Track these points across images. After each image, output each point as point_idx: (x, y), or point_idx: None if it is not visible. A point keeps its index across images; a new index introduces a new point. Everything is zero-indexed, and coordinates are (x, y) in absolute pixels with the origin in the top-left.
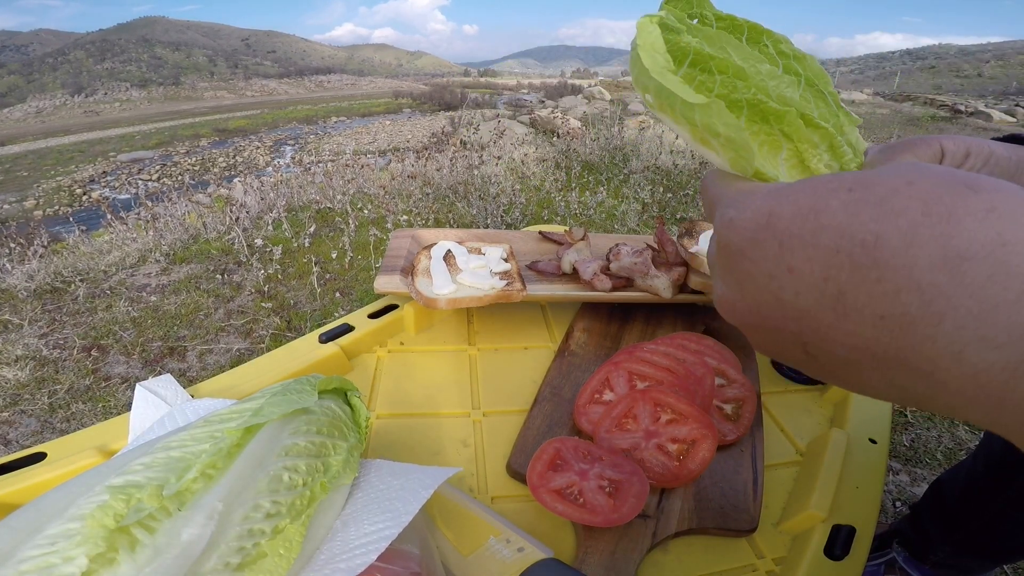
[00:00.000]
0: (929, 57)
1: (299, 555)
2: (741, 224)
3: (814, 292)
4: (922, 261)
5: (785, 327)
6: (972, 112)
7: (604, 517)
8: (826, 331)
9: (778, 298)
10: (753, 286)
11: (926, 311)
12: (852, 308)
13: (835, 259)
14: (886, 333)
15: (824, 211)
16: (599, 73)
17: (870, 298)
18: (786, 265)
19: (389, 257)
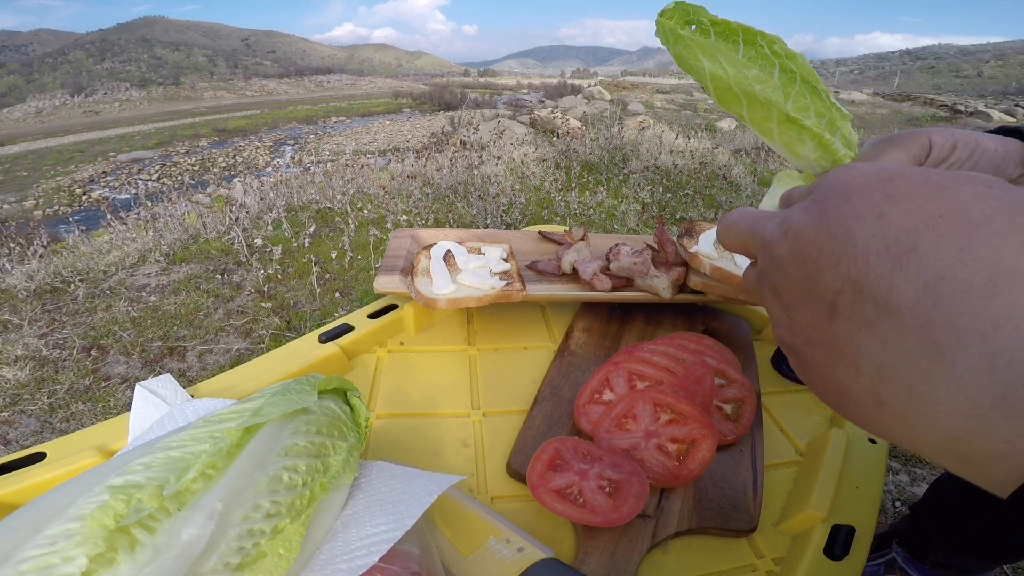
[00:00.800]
0: (929, 57)
1: (299, 555)
2: (862, 171)
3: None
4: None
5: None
6: (972, 112)
7: (604, 517)
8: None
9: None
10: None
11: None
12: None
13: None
14: (931, 298)
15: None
16: (599, 73)
17: (939, 260)
18: (880, 211)
19: (389, 257)
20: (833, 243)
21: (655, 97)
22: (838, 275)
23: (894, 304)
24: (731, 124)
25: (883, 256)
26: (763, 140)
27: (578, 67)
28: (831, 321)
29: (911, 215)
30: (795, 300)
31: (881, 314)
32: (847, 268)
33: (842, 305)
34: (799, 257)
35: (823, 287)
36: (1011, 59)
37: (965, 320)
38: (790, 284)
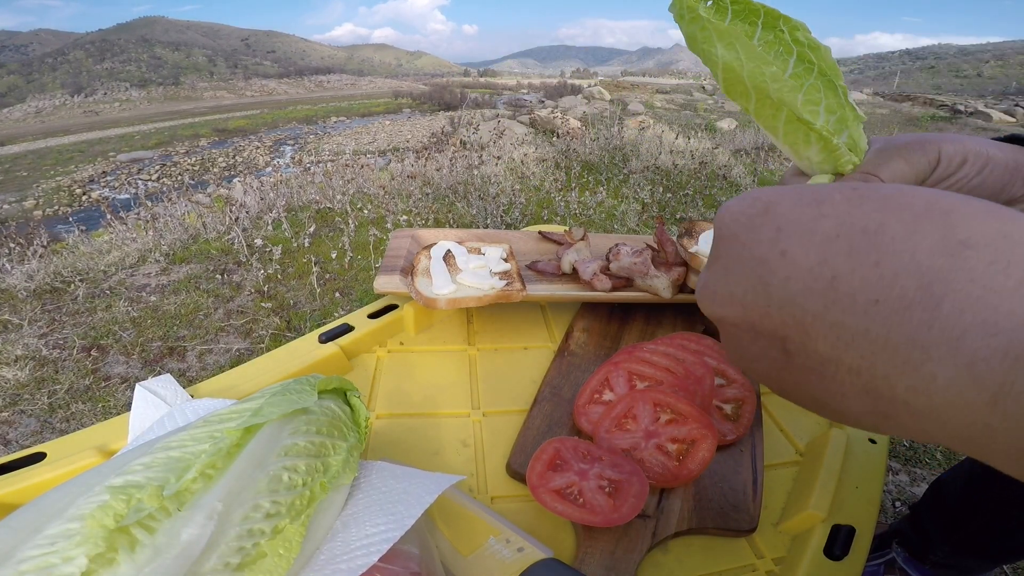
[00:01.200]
0: (929, 57)
1: (299, 555)
2: (739, 209)
3: (805, 276)
4: (923, 246)
5: (766, 319)
6: (972, 112)
7: (604, 517)
8: (811, 321)
9: (765, 283)
10: (741, 271)
11: (925, 294)
12: (845, 293)
13: (833, 244)
14: (878, 321)
15: (826, 201)
16: (599, 73)
17: (864, 283)
18: (780, 249)
19: (389, 257)
20: (752, 297)
21: (655, 97)
22: (772, 324)
23: (846, 336)
24: (731, 124)
25: (809, 296)
26: (767, 135)
27: (578, 67)
28: (789, 364)
29: (810, 244)
30: (747, 354)
31: (838, 346)
32: (779, 315)
33: (793, 348)
34: (727, 319)
35: (765, 338)
36: (1011, 59)
37: (924, 335)
38: (741, 345)
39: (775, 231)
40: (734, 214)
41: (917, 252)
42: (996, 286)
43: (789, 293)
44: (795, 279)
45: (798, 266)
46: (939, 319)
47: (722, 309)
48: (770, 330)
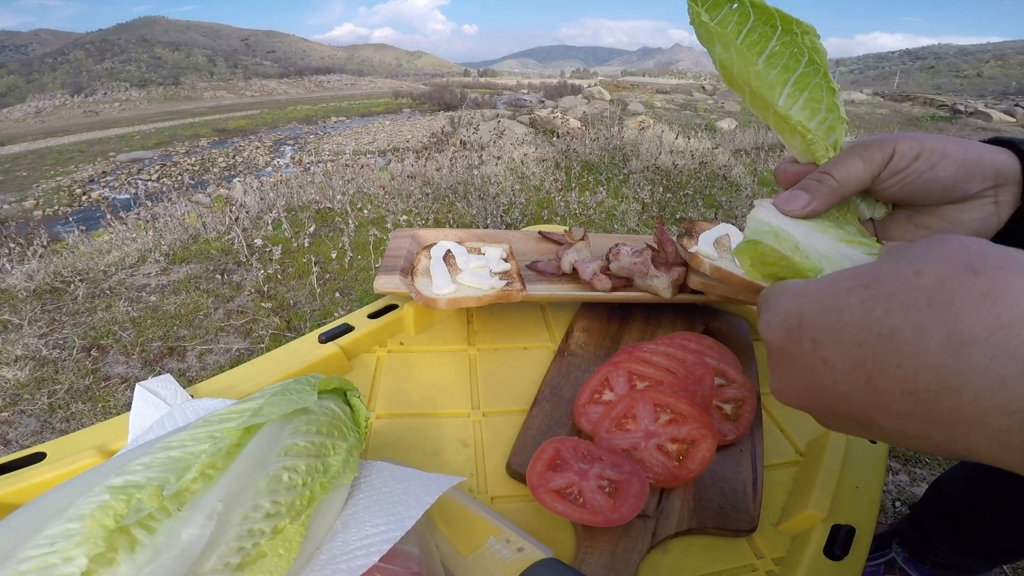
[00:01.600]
0: (929, 57)
1: (299, 555)
2: (776, 326)
3: (848, 378)
4: (932, 348)
5: (834, 406)
6: (971, 112)
7: (604, 517)
8: (866, 408)
9: (820, 385)
10: (797, 377)
11: (945, 387)
12: (883, 389)
13: (859, 351)
14: (917, 407)
15: (844, 309)
16: (599, 73)
17: (895, 380)
18: (820, 358)
19: (389, 257)
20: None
21: (655, 97)
22: (841, 410)
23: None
24: (731, 124)
25: (857, 392)
26: (766, 136)
27: (578, 67)
28: (869, 431)
29: (843, 352)
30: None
31: (896, 423)
32: (841, 406)
33: (866, 422)
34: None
35: (842, 417)
36: (1011, 59)
37: (955, 417)
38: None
39: (812, 343)
40: (774, 329)
41: (927, 353)
42: (1002, 377)
43: (841, 391)
44: (841, 381)
45: (839, 371)
46: (962, 406)
47: (797, 404)
48: (841, 414)
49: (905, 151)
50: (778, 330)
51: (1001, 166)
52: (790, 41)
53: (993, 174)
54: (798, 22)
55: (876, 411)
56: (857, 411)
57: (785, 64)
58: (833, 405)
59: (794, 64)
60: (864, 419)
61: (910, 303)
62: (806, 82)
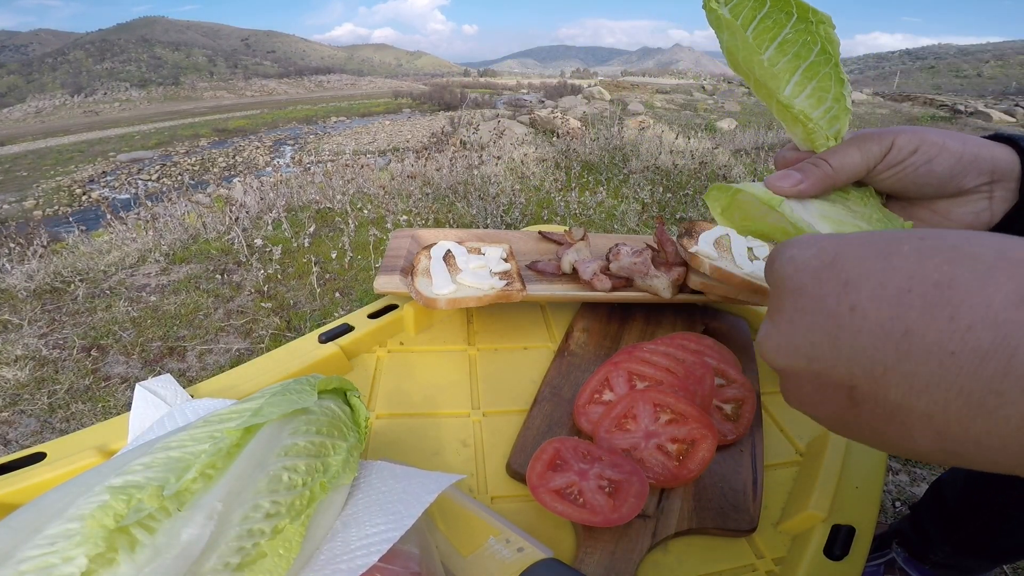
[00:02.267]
0: (929, 57)
1: (299, 555)
2: (804, 261)
3: (877, 331)
4: (998, 299)
5: (833, 370)
6: (972, 112)
7: (604, 517)
8: (882, 372)
9: (834, 336)
10: (807, 324)
11: (1000, 344)
12: (919, 347)
13: (905, 298)
14: (953, 371)
15: (895, 254)
16: (599, 73)
17: (940, 335)
18: (849, 304)
19: (389, 257)
20: (819, 350)
21: (655, 97)
22: (839, 375)
23: (919, 384)
24: (731, 124)
25: (880, 349)
26: (765, 135)
27: (578, 67)
28: (855, 410)
29: (882, 299)
30: (809, 400)
31: (910, 394)
32: (847, 368)
33: (861, 396)
34: (791, 370)
35: (831, 388)
36: (1011, 59)
37: (999, 383)
38: (804, 393)
39: (842, 285)
40: (798, 265)
41: (992, 304)
42: None
43: (859, 346)
44: (866, 333)
45: (869, 320)
46: (1014, 368)
47: (786, 360)
48: (836, 380)
49: (903, 145)
50: (804, 265)
51: (999, 161)
52: (804, 29)
53: (990, 169)
54: (814, 11)
55: (894, 378)
56: (861, 377)
57: (797, 52)
58: (835, 368)
59: (805, 52)
60: (862, 389)
61: (976, 255)
62: (816, 71)
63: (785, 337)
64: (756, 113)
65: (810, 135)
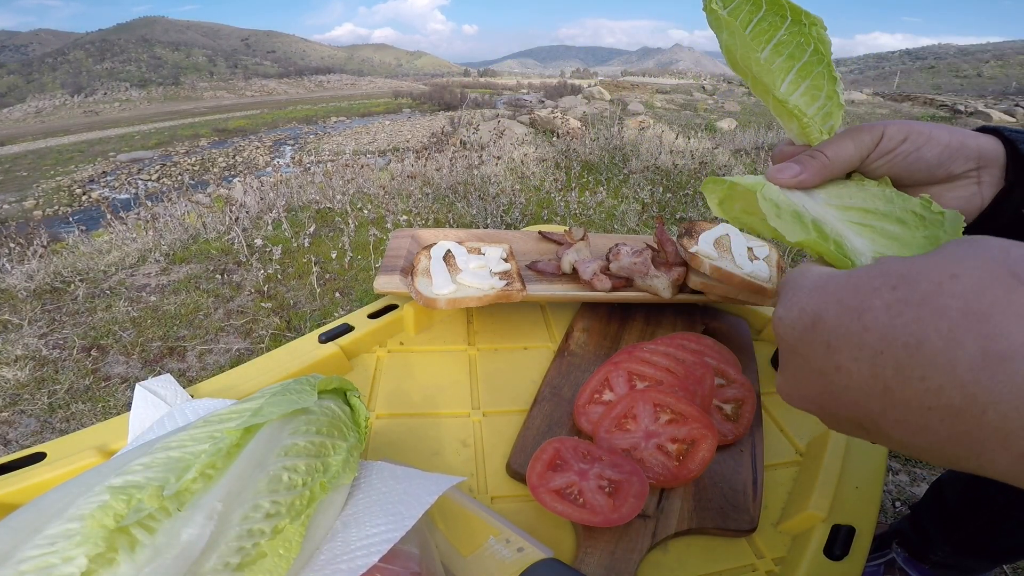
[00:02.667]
0: (928, 57)
1: (299, 555)
2: (789, 323)
3: (862, 387)
4: (963, 362)
5: (840, 412)
6: (972, 112)
7: (604, 517)
8: (877, 417)
9: (830, 391)
10: (806, 379)
11: (970, 404)
12: (899, 401)
13: (879, 359)
14: (934, 421)
15: (866, 312)
16: (599, 73)
17: (915, 393)
18: (834, 364)
19: (389, 257)
20: (823, 399)
21: (655, 97)
22: (848, 416)
23: (911, 428)
24: (731, 124)
25: (869, 401)
26: (765, 136)
27: (578, 67)
28: (874, 437)
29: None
30: (835, 427)
31: (906, 434)
32: (849, 412)
33: (872, 429)
34: (810, 412)
35: (846, 422)
36: (1011, 59)
37: (976, 433)
38: (828, 422)
39: (826, 347)
40: (786, 327)
41: (956, 367)
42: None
43: (853, 399)
44: (853, 388)
45: (853, 378)
46: (986, 424)
47: (801, 406)
48: (848, 418)
49: (893, 134)
50: (791, 328)
51: (984, 149)
52: (798, 31)
53: (976, 156)
54: (807, 13)
55: (888, 422)
56: (867, 420)
57: (791, 53)
58: (841, 412)
59: (799, 53)
60: (873, 428)
61: (943, 310)
62: (809, 70)
63: (792, 387)
64: (756, 113)
65: (805, 129)
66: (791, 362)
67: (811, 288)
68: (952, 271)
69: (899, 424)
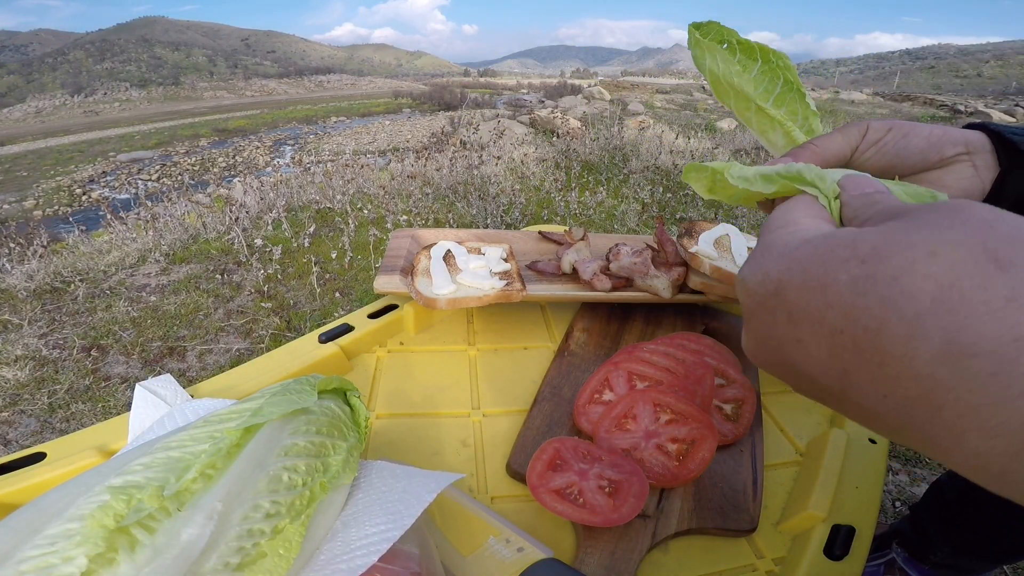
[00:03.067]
0: (929, 57)
1: (299, 555)
2: (752, 288)
3: (822, 365)
4: (923, 354)
5: (802, 384)
6: (971, 112)
7: (604, 517)
8: (838, 395)
9: (790, 362)
10: (768, 346)
11: (925, 399)
12: (856, 383)
13: (839, 339)
14: (891, 408)
15: (831, 286)
16: (599, 73)
17: (872, 378)
18: (795, 336)
19: (389, 257)
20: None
21: (655, 97)
22: (811, 385)
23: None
24: (731, 124)
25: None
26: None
27: (578, 67)
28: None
29: (820, 336)
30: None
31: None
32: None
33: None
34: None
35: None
36: (1011, 59)
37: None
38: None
39: (787, 318)
40: (749, 292)
41: (916, 359)
42: (997, 396)
43: (811, 373)
44: (812, 364)
45: (812, 355)
46: (940, 420)
47: (765, 368)
48: (810, 391)
49: (877, 127)
50: (753, 294)
51: (969, 137)
52: (768, 69)
53: (963, 142)
54: (774, 52)
55: (847, 403)
56: (829, 397)
57: (766, 87)
58: (803, 384)
59: (772, 87)
60: (835, 404)
61: (912, 293)
62: (784, 98)
63: (756, 349)
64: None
65: (789, 133)
66: (753, 325)
67: (779, 253)
68: (931, 248)
69: (857, 407)
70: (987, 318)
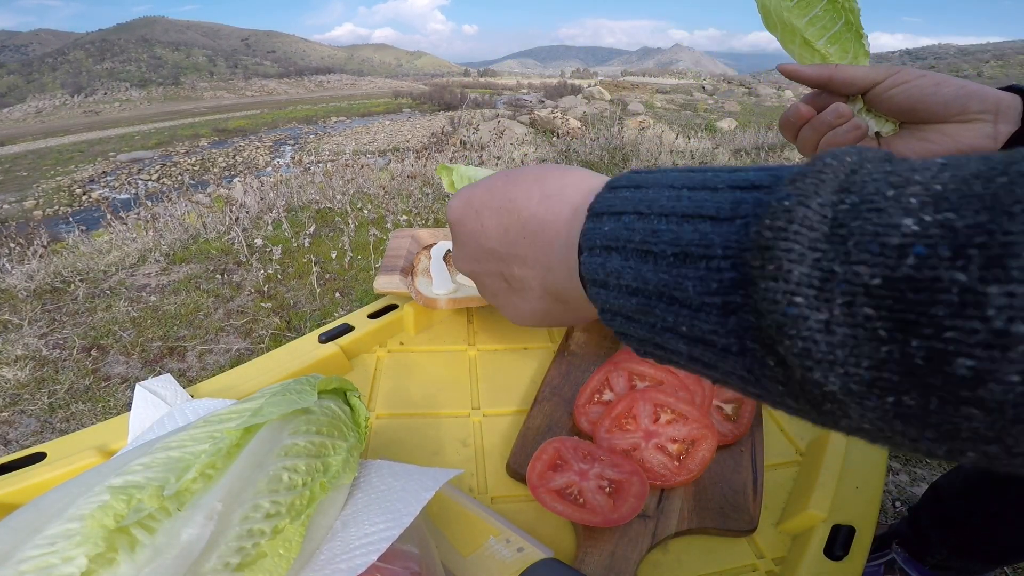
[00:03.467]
0: (929, 57)
1: (299, 555)
2: (456, 205)
3: (495, 234)
4: (534, 200)
5: (490, 266)
6: None
7: (604, 517)
8: (507, 257)
9: (479, 245)
10: (468, 243)
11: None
12: (513, 237)
13: (500, 211)
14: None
15: (494, 187)
16: (599, 73)
17: (517, 227)
18: (480, 223)
19: (389, 257)
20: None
21: (655, 97)
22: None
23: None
24: (731, 124)
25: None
26: (765, 134)
27: (578, 67)
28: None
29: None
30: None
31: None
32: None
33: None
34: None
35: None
36: (1011, 59)
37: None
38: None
39: (475, 213)
40: (452, 209)
41: (531, 203)
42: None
43: (492, 245)
44: (492, 237)
45: (489, 229)
46: (553, 240)
47: (468, 268)
48: (495, 271)
49: (914, 71)
50: (455, 208)
51: (1003, 99)
52: (832, 7)
53: (994, 102)
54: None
55: (512, 259)
56: (502, 264)
57: (824, 24)
58: (490, 264)
59: (831, 24)
60: (504, 272)
61: (527, 178)
62: (839, 37)
63: (461, 255)
64: (756, 113)
65: (826, 60)
66: (459, 233)
67: (470, 186)
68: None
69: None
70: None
